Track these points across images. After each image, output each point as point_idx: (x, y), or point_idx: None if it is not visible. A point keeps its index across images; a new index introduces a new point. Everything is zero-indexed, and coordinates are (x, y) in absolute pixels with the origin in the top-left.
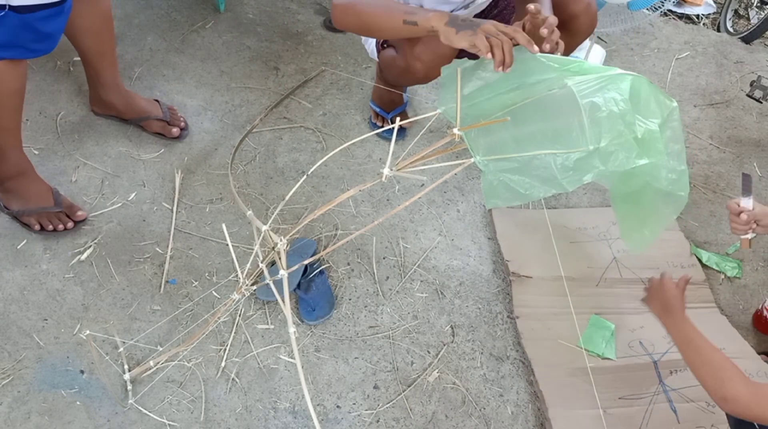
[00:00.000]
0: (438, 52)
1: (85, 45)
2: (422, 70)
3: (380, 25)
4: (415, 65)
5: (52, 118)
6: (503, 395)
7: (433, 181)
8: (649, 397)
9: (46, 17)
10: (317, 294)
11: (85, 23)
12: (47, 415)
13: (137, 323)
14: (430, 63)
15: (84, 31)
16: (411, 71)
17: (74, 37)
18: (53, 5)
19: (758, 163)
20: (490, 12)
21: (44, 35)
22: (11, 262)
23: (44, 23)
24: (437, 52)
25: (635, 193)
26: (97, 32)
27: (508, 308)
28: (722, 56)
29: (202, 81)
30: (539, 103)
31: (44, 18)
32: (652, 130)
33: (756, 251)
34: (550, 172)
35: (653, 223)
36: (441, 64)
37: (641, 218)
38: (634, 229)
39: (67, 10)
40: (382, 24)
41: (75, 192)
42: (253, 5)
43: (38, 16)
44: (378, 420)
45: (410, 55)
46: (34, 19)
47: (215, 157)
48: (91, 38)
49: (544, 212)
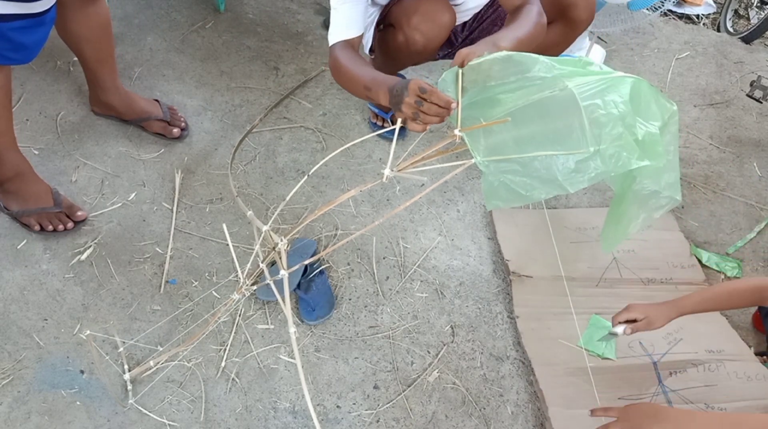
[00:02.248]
0: (436, 22)
1: (84, 53)
2: (422, 40)
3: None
4: (414, 36)
5: (52, 118)
6: (503, 395)
7: (434, 182)
8: (648, 398)
9: (22, 28)
10: (317, 294)
11: (84, 32)
12: (47, 415)
13: (137, 323)
14: (429, 32)
15: (82, 40)
16: (410, 43)
17: (73, 45)
18: (30, 16)
19: (758, 163)
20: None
21: (19, 45)
22: (11, 262)
23: (20, 34)
24: (435, 22)
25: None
26: (96, 40)
27: (508, 308)
28: (722, 56)
29: (202, 81)
30: (540, 104)
31: (20, 29)
32: (652, 133)
33: (756, 251)
34: (550, 173)
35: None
36: (439, 33)
37: (617, 218)
38: (610, 228)
39: (49, 21)
40: (352, 88)
41: (75, 192)
42: (253, 5)
43: (13, 26)
44: (378, 420)
45: (408, 26)
46: (8, 28)
47: (215, 157)
48: (89, 46)
49: (544, 212)
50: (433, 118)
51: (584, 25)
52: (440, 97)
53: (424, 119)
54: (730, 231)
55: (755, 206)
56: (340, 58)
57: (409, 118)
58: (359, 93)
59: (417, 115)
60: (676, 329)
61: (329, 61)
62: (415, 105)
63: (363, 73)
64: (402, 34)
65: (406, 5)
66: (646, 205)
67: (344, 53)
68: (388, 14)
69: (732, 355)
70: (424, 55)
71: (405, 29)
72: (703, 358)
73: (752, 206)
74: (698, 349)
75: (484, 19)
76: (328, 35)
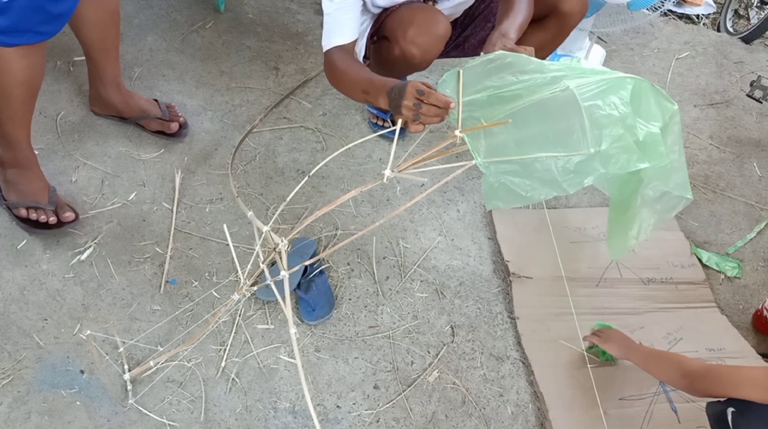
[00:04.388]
0: (432, 34)
1: (90, 39)
2: (418, 53)
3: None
4: (411, 50)
5: (52, 118)
6: (503, 395)
7: (434, 182)
8: (649, 398)
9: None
10: (317, 294)
11: (92, 16)
12: (47, 415)
13: (137, 323)
14: (425, 45)
15: (90, 25)
16: (407, 57)
17: (79, 30)
18: None
19: (758, 163)
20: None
21: (54, 16)
22: (11, 262)
23: (54, 4)
24: (431, 34)
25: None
26: (103, 27)
27: (508, 308)
28: (722, 56)
29: (202, 81)
30: (540, 105)
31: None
32: (653, 133)
33: (756, 251)
34: (551, 174)
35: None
36: (436, 45)
37: (626, 224)
38: (618, 235)
39: None
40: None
41: (75, 192)
42: (253, 5)
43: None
44: (378, 420)
45: (404, 40)
46: None
47: (215, 157)
48: (96, 32)
49: (544, 212)
50: (432, 119)
51: (577, 17)
52: (438, 97)
53: (423, 120)
54: (730, 231)
55: (755, 206)
56: (336, 62)
57: (408, 120)
58: (357, 97)
59: (417, 117)
60: (676, 329)
61: (325, 66)
62: (414, 108)
63: (360, 77)
64: (398, 47)
65: (399, 17)
66: (657, 207)
67: (340, 57)
68: (381, 26)
69: (732, 352)
70: (421, 66)
71: (401, 43)
72: (704, 356)
73: (752, 206)
74: (698, 348)
75: (475, 16)
76: (322, 41)
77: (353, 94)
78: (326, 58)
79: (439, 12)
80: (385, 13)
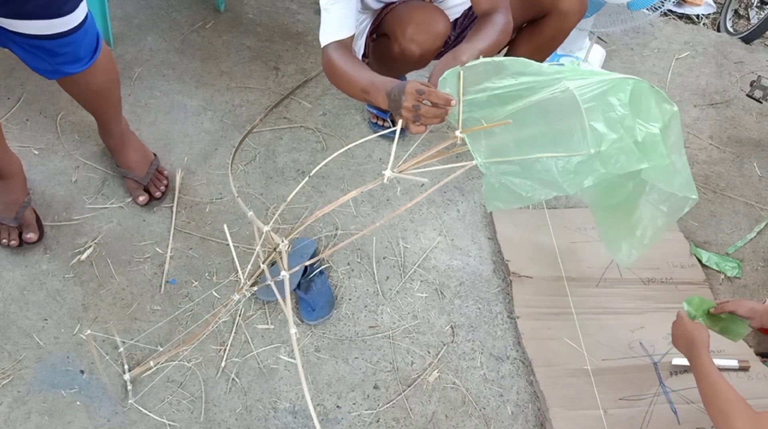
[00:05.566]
0: (431, 32)
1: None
2: (418, 51)
3: (348, 90)
4: (410, 47)
5: (52, 118)
6: (503, 395)
7: (434, 182)
8: (649, 398)
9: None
10: (317, 294)
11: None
12: (47, 415)
13: (137, 323)
14: (425, 43)
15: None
16: (406, 54)
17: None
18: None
19: (758, 163)
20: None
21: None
22: (11, 262)
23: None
24: (431, 32)
25: (622, 203)
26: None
27: (508, 308)
28: (722, 56)
29: (202, 81)
30: (541, 106)
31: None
32: (653, 134)
33: (756, 251)
34: (551, 175)
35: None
36: (435, 43)
37: (631, 229)
38: (623, 241)
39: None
40: (349, 90)
41: (75, 192)
42: (253, 5)
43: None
44: (378, 420)
45: (404, 37)
46: (56, 45)
47: (215, 157)
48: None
49: (544, 212)
50: (432, 119)
51: (576, 17)
52: (439, 95)
53: (424, 121)
54: (730, 231)
55: (755, 206)
56: (334, 59)
57: (409, 121)
58: (356, 95)
59: (417, 118)
60: None
61: (323, 62)
62: (414, 109)
63: (360, 76)
64: (398, 45)
65: (399, 15)
66: (662, 209)
67: (339, 54)
68: (381, 23)
69: (732, 353)
70: (420, 64)
71: (400, 41)
72: None
73: (752, 206)
74: None
75: (474, 16)
76: (320, 36)
77: (353, 93)
78: (324, 53)
79: (439, 10)
80: (385, 10)
